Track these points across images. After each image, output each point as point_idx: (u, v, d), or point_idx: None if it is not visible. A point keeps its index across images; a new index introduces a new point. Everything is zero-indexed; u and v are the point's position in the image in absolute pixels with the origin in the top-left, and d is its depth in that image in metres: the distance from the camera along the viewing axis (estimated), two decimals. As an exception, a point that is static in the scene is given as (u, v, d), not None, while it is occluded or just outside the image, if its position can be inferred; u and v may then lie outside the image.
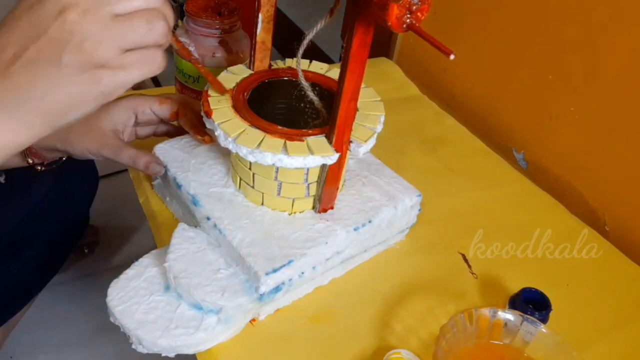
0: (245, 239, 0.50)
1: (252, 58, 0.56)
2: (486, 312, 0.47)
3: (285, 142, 0.48)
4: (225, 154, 0.59)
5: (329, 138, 0.49)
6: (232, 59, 0.68)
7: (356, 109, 0.48)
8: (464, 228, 0.64)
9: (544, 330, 0.47)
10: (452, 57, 0.34)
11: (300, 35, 0.48)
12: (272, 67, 0.58)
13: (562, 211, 0.71)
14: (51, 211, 0.72)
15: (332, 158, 0.49)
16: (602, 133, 0.71)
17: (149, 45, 0.36)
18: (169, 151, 0.58)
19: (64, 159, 0.61)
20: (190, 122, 0.58)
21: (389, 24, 0.37)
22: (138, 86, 1.61)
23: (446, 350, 0.45)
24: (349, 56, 0.42)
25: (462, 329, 0.47)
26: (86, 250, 1.09)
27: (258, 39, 0.54)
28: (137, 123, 0.59)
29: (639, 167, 0.67)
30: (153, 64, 0.37)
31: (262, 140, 0.48)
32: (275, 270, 0.47)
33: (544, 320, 0.52)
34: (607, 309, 0.58)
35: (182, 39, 0.67)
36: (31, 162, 0.58)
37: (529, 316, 0.47)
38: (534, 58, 0.78)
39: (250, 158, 0.48)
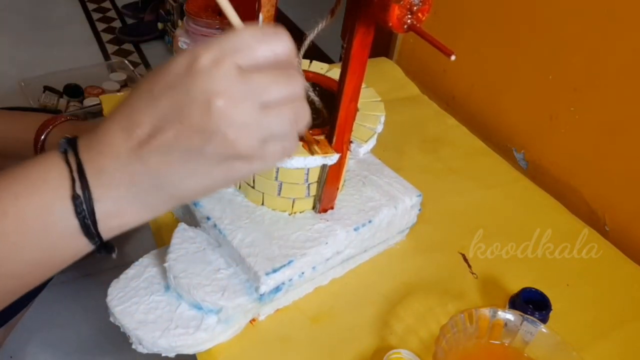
0: (245, 239, 0.50)
1: None
2: (486, 312, 0.48)
3: None
4: None
5: (329, 138, 0.49)
6: (232, 59, 0.68)
7: (356, 110, 0.48)
8: (464, 228, 0.65)
9: (544, 330, 0.47)
10: (452, 57, 0.34)
11: (301, 35, 0.48)
12: None
13: (562, 211, 0.71)
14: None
15: (332, 158, 0.49)
16: (602, 133, 0.71)
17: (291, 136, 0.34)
18: None
19: None
20: None
21: (390, 24, 0.36)
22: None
23: (446, 350, 0.45)
24: (350, 57, 0.42)
25: (462, 329, 0.47)
26: (86, 250, 1.09)
27: None
28: None
29: (639, 168, 0.67)
30: (290, 151, 0.34)
31: None
32: (275, 271, 0.47)
33: (544, 320, 0.52)
34: (607, 309, 0.58)
35: (182, 39, 0.67)
36: None
37: (529, 316, 0.47)
38: (534, 58, 0.78)
39: None
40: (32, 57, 1.73)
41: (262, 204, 0.54)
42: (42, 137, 0.54)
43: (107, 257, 0.35)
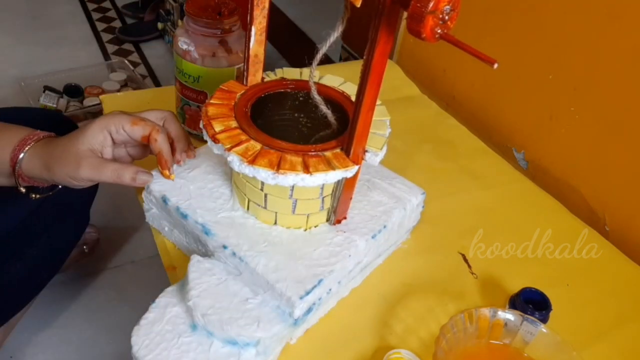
0: (269, 264, 0.47)
1: (246, 72, 0.53)
2: (486, 312, 0.48)
3: (303, 160, 0.46)
4: (225, 174, 0.57)
5: (346, 150, 0.47)
6: (232, 59, 0.68)
7: (372, 118, 0.46)
8: (464, 228, 0.65)
9: (544, 330, 0.47)
10: (495, 66, 0.33)
11: (301, 34, 0.47)
12: (265, 80, 0.55)
13: (562, 211, 0.71)
14: (52, 211, 0.72)
15: (351, 171, 0.47)
16: (602, 133, 0.71)
17: None
18: (165, 179, 0.55)
19: (59, 187, 0.60)
20: (158, 149, 0.53)
21: (424, 35, 0.35)
22: (137, 86, 1.61)
23: (446, 350, 0.45)
24: (370, 68, 0.40)
25: (462, 329, 0.47)
26: (86, 250, 1.09)
27: (251, 52, 0.52)
28: (115, 143, 0.55)
29: (639, 167, 0.67)
30: None
31: (280, 161, 0.45)
32: (308, 293, 0.46)
33: (544, 320, 0.52)
34: (607, 309, 0.58)
35: (182, 39, 0.66)
36: (24, 190, 0.57)
37: (529, 316, 0.47)
38: (534, 58, 0.78)
39: (271, 181, 0.45)
40: (32, 57, 1.73)
41: (275, 223, 0.52)
42: (21, 156, 0.54)
43: (106, 257, 0.35)
